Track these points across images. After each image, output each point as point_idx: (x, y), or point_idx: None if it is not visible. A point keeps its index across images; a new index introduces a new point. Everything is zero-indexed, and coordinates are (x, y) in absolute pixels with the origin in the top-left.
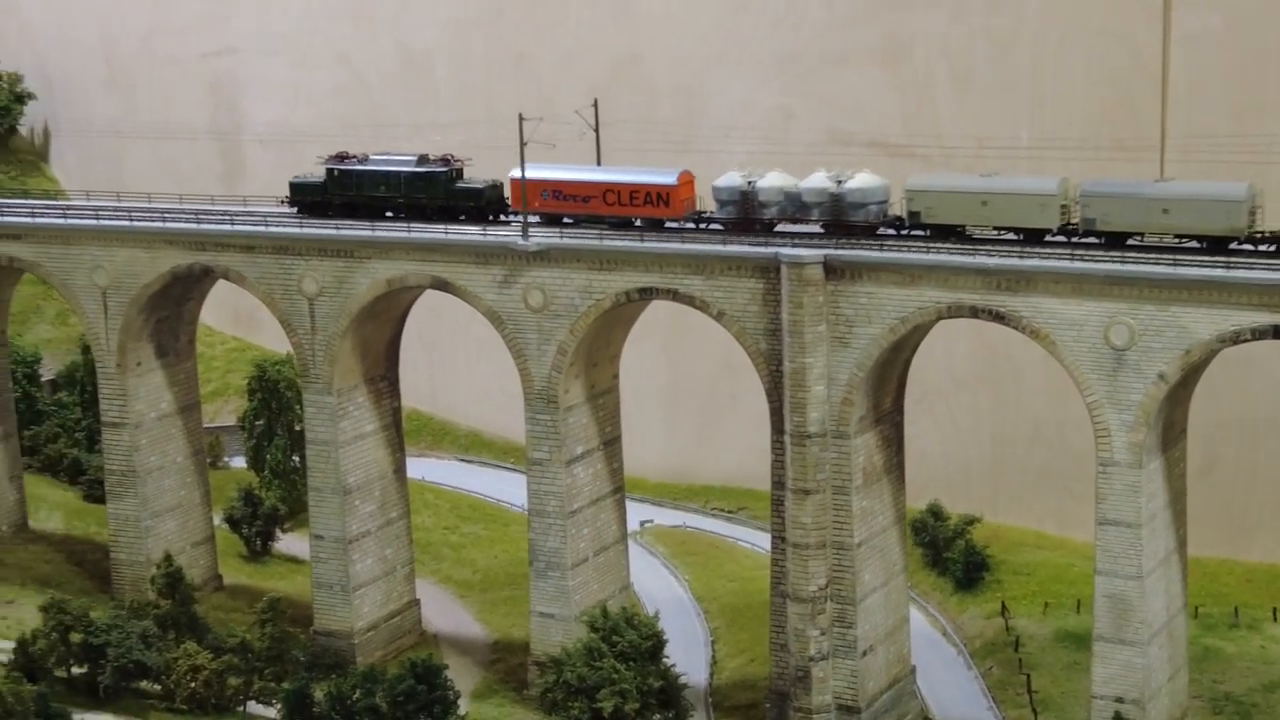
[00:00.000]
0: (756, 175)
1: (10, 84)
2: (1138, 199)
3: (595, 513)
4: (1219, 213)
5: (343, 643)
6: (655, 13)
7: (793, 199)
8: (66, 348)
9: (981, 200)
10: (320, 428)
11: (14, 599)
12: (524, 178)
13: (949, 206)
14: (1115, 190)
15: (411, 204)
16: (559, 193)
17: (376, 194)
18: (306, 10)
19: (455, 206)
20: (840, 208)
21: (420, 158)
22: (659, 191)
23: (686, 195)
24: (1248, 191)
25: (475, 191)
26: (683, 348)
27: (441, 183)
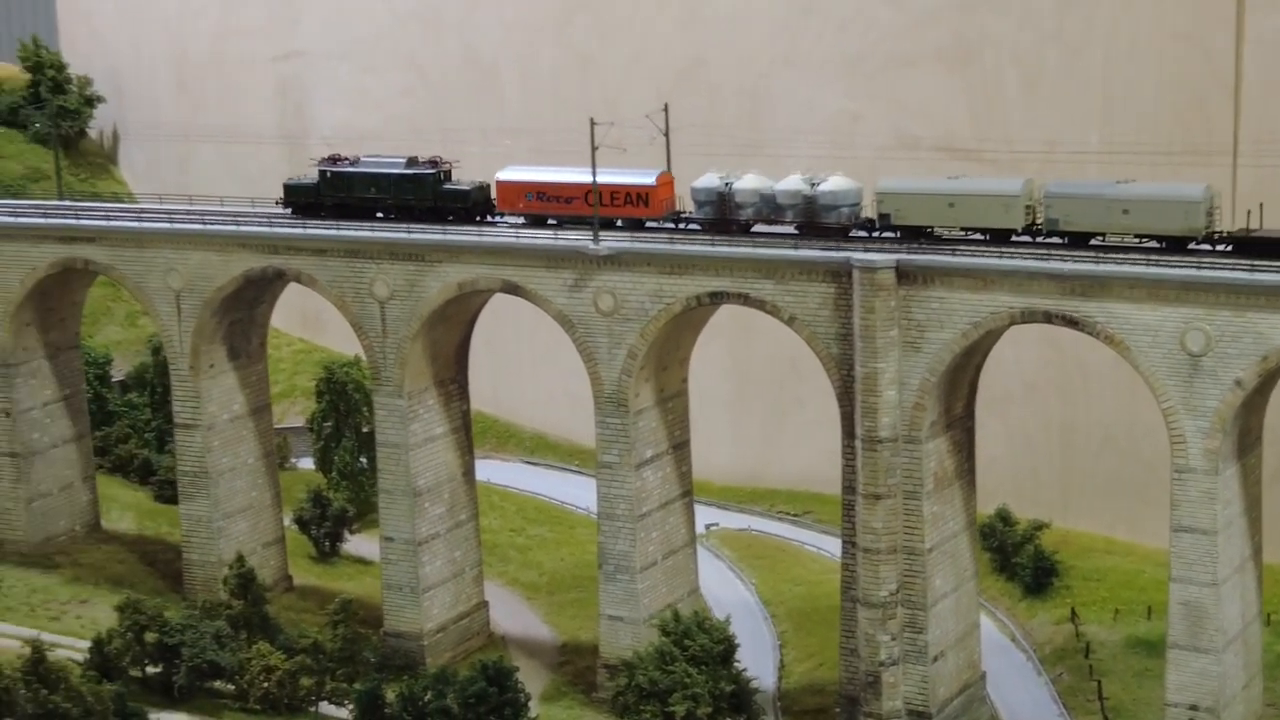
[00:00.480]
0: (734, 177)
1: (81, 87)
2: (1099, 200)
3: (664, 516)
4: (1177, 213)
5: (412, 644)
6: (721, 16)
7: (768, 200)
8: (136, 349)
9: (949, 202)
10: (391, 430)
11: (88, 598)
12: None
13: (917, 208)
14: (1077, 191)
15: (401, 205)
16: (543, 194)
17: (367, 195)
18: (374, 14)
19: (443, 208)
20: (813, 209)
21: (409, 160)
22: (639, 192)
23: (666, 196)
24: (1205, 193)
25: (462, 193)
26: (749, 351)
27: (429, 184)
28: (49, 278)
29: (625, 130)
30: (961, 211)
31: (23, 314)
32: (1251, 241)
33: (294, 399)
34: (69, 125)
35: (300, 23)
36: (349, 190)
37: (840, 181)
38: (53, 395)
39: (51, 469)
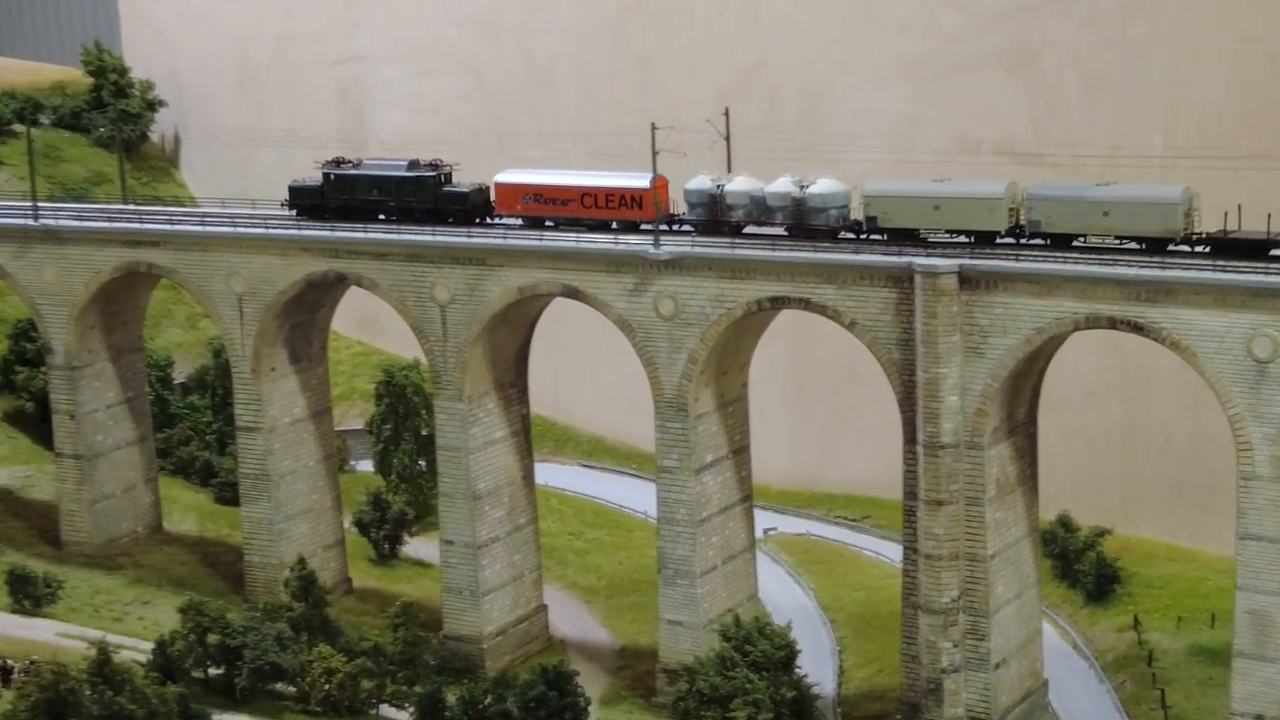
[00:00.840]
0: (725, 179)
1: (143, 91)
2: (1080, 202)
3: (724, 521)
4: (1156, 215)
5: (472, 647)
6: (781, 19)
7: (758, 202)
8: (196, 351)
9: (934, 204)
10: (451, 434)
11: (150, 600)
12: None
13: (903, 210)
14: (1059, 194)
15: (402, 206)
16: (540, 196)
17: (369, 197)
18: (433, 19)
19: (443, 209)
20: (802, 211)
21: (411, 163)
22: (633, 195)
23: (660, 198)
24: (1183, 194)
25: (461, 195)
26: (808, 355)
27: (430, 186)
28: (113, 281)
29: (685, 134)
30: (947, 214)
31: (87, 317)
32: (1229, 243)
33: (352, 402)
34: (131, 129)
35: (360, 27)
36: (352, 192)
37: (828, 184)
38: (116, 398)
39: (115, 471)
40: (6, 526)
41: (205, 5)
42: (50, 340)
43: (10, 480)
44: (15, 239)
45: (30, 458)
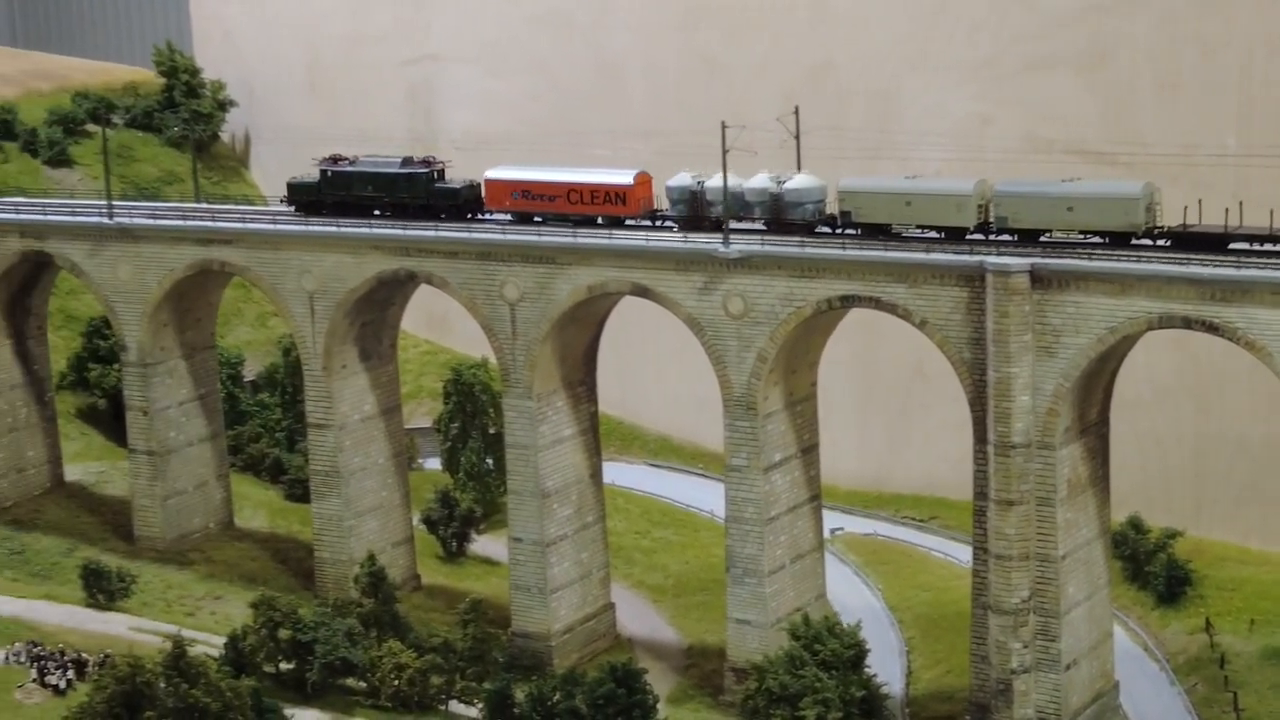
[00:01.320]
0: (705, 176)
1: (214, 91)
2: (1045, 198)
3: (792, 520)
4: (1118, 210)
5: (540, 645)
6: (850, 18)
7: (737, 198)
8: (266, 349)
9: (905, 201)
10: (520, 432)
11: (222, 595)
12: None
13: (876, 206)
14: (1025, 190)
15: (396, 202)
16: (528, 192)
17: (365, 193)
18: (504, 19)
19: (435, 205)
20: (780, 206)
21: (404, 160)
22: (617, 191)
23: (643, 195)
24: (1144, 190)
25: (453, 191)
26: (875, 354)
27: (422, 183)
28: (186, 279)
29: (755, 134)
30: (918, 210)
31: (160, 314)
32: (1189, 236)
33: (420, 400)
34: (202, 129)
35: (430, 27)
36: (348, 188)
37: (804, 180)
38: (188, 395)
39: (187, 467)
40: (81, 522)
41: (276, 6)
42: (124, 338)
43: (84, 476)
44: (90, 237)
45: (103, 454)
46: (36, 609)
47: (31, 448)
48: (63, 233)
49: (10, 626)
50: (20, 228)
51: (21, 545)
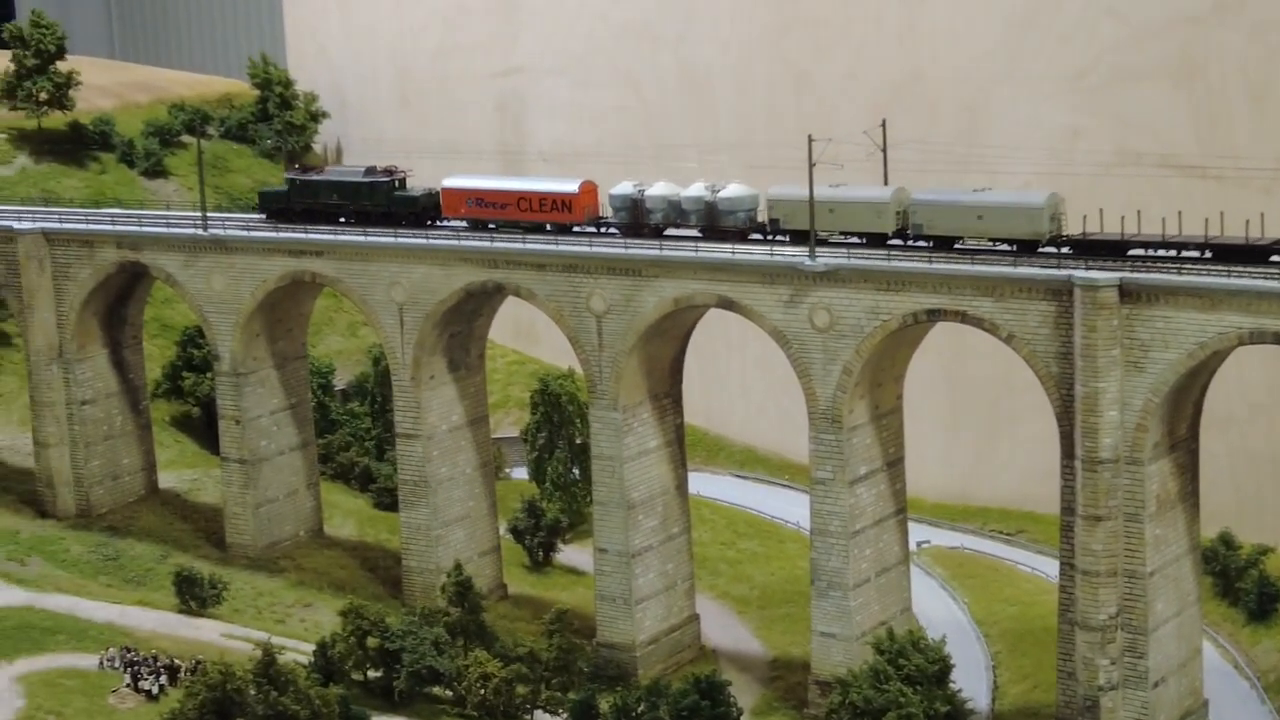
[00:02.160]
0: (645, 185)
1: (307, 103)
2: (957, 207)
3: (878, 533)
4: (1023, 219)
5: (625, 655)
6: (939, 30)
7: (674, 206)
8: (356, 358)
9: (829, 208)
10: (606, 443)
11: (311, 602)
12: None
13: (803, 213)
14: (938, 199)
15: (359, 210)
16: (481, 200)
17: (330, 201)
18: (592, 31)
19: (396, 212)
20: (714, 214)
21: (368, 169)
22: (563, 199)
23: (588, 202)
24: (1048, 200)
25: (412, 199)
26: (961, 367)
27: (384, 191)
28: (278, 290)
29: (843, 147)
30: (840, 217)
31: (253, 324)
32: (1089, 244)
33: (507, 409)
34: (295, 140)
35: (520, 39)
36: (315, 197)
37: (737, 189)
38: (280, 404)
39: (278, 475)
40: (173, 529)
41: (368, 19)
42: (217, 347)
43: (177, 483)
44: (184, 248)
45: (196, 461)
46: (130, 615)
47: (127, 455)
48: (158, 244)
49: (105, 632)
50: (117, 238)
51: (116, 551)
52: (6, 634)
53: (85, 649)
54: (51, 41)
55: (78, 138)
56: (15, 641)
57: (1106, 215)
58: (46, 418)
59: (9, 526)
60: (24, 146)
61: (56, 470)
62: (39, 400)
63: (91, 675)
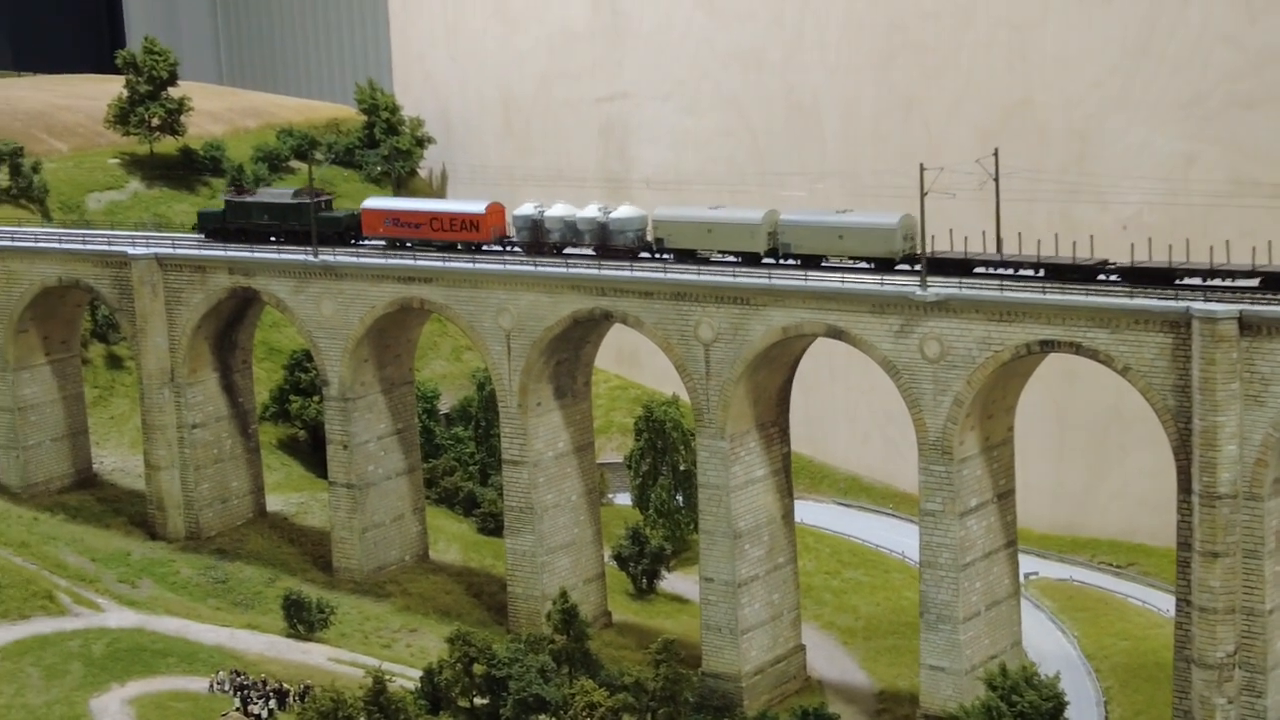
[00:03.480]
0: (545, 206)
1: (413, 129)
2: (820, 227)
3: (988, 566)
4: (879, 239)
5: (730, 685)
6: (1050, 56)
7: (570, 226)
8: (460, 383)
9: (707, 229)
10: (712, 472)
11: (417, 628)
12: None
13: (684, 233)
14: (804, 220)
15: (288, 229)
16: (397, 220)
17: (262, 221)
18: (697, 56)
19: (321, 232)
20: (606, 234)
21: (296, 191)
22: (471, 219)
23: (495, 222)
24: (900, 221)
25: (336, 219)
26: (1071, 397)
27: (309, 212)
28: (386, 315)
29: (953, 175)
30: (718, 237)
31: (361, 350)
32: (937, 262)
33: (610, 435)
34: (401, 166)
35: (625, 65)
36: (248, 217)
37: (627, 210)
38: (387, 429)
39: (384, 500)
40: (281, 552)
41: (474, 45)
42: (326, 373)
43: (285, 507)
44: (295, 274)
45: (302, 485)
46: (239, 638)
47: (236, 478)
48: (269, 269)
49: (214, 655)
50: (228, 264)
51: (225, 574)
52: (118, 656)
53: (195, 672)
54: (164, 68)
55: (188, 163)
56: (127, 664)
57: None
58: (158, 441)
59: (120, 548)
60: (136, 171)
61: (167, 493)
62: (150, 423)
63: (201, 698)
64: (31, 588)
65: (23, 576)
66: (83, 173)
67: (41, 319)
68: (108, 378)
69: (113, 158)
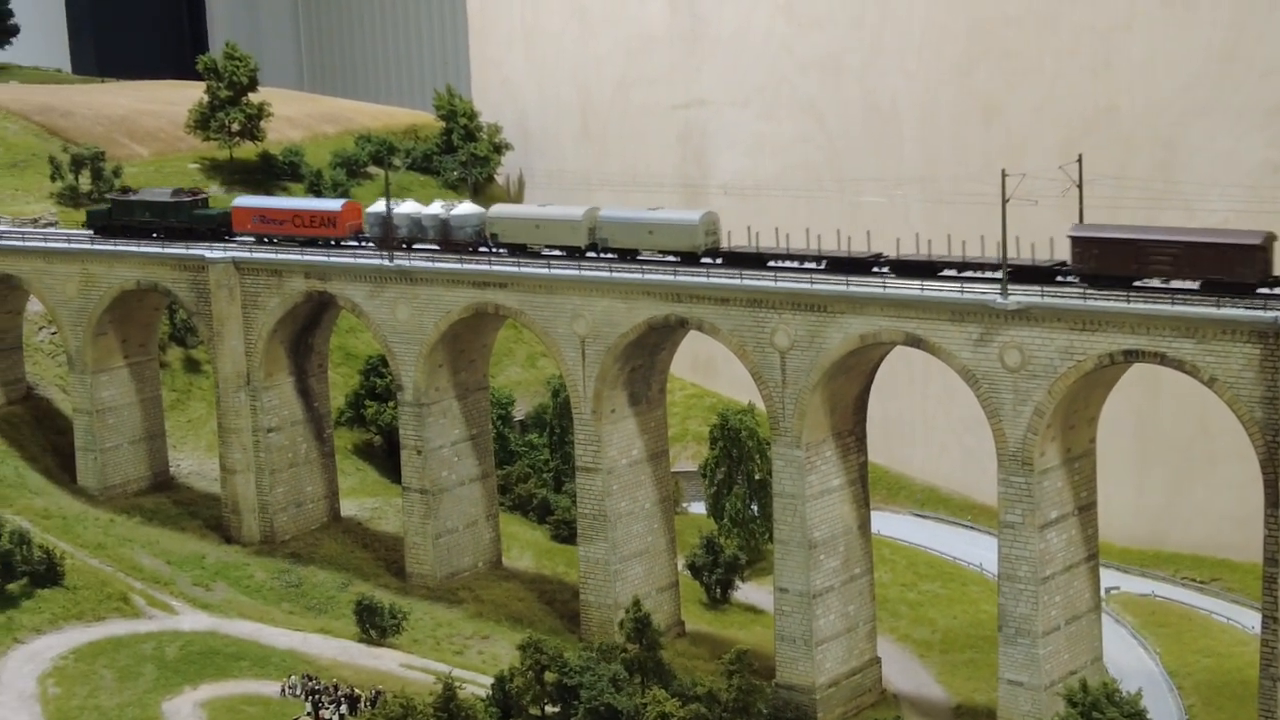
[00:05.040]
0: (395, 204)
1: (491, 135)
2: (633, 224)
3: (1068, 580)
4: (683, 234)
5: (804, 697)
6: (1135, 62)
7: (415, 223)
8: (535, 389)
9: (535, 225)
10: (788, 481)
11: (489, 634)
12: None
13: (515, 230)
14: (618, 217)
15: (166, 227)
16: (263, 217)
17: (144, 219)
18: (775, 62)
19: (196, 229)
20: (448, 230)
21: (175, 191)
22: (328, 216)
23: (350, 219)
24: (702, 218)
25: (210, 216)
26: (1154, 408)
27: (186, 210)
28: (461, 321)
29: (1035, 182)
30: (544, 232)
31: (436, 356)
32: (733, 255)
33: (685, 443)
34: (479, 172)
35: (703, 70)
36: (131, 215)
37: (466, 207)
38: (461, 435)
39: (458, 506)
40: (355, 557)
41: (552, 51)
42: (401, 378)
43: (359, 511)
44: (370, 279)
45: (377, 490)
46: (312, 642)
47: (310, 483)
48: (345, 274)
49: (287, 659)
50: (305, 268)
51: (299, 578)
52: (192, 659)
53: (268, 676)
54: (244, 74)
55: (268, 168)
56: (200, 667)
57: None
58: (233, 444)
59: (195, 551)
60: (216, 176)
61: (242, 496)
62: (226, 427)
63: (273, 703)
64: (107, 590)
65: (98, 578)
66: (163, 177)
67: (120, 322)
68: (185, 381)
69: (193, 162)
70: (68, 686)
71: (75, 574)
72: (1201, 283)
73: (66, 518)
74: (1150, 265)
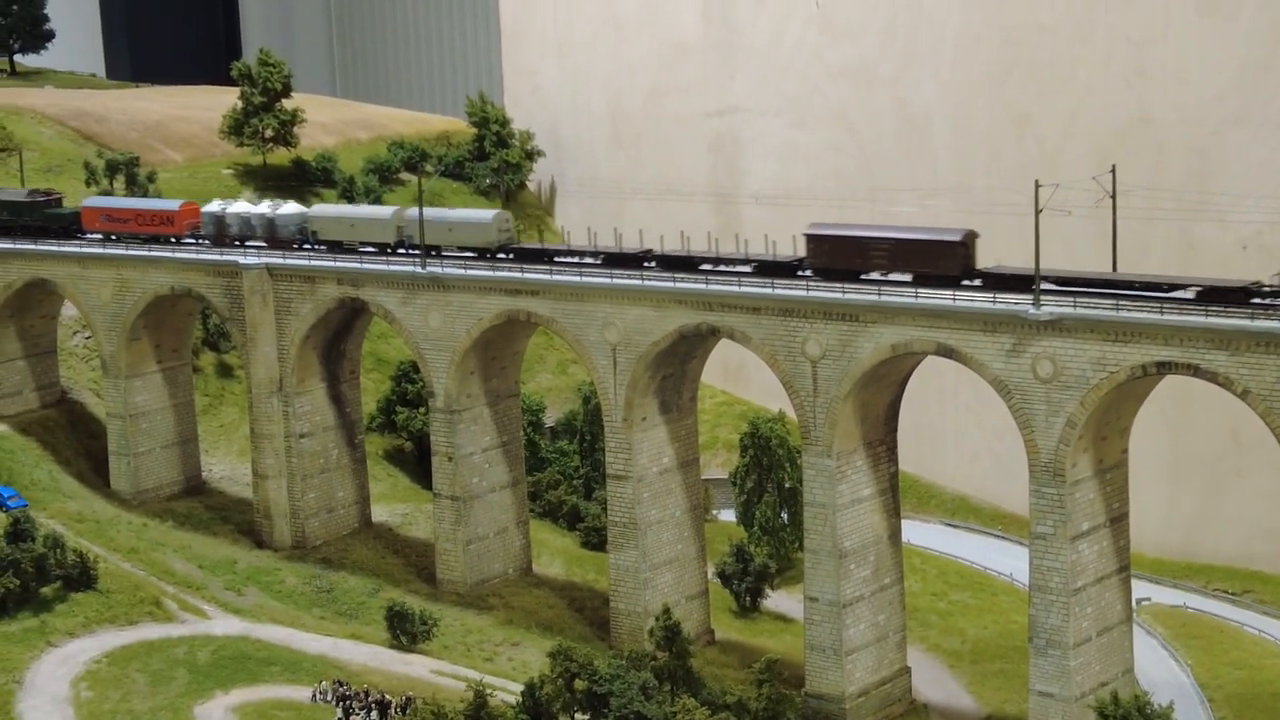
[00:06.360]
0: (227, 203)
1: (522, 142)
2: (436, 223)
3: (1099, 591)
4: (479, 232)
5: (833, 706)
6: (1170, 71)
7: (245, 221)
8: (566, 396)
9: (350, 224)
10: (818, 490)
11: (519, 641)
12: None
13: (331, 228)
14: (426, 216)
15: (22, 224)
16: (110, 216)
17: (3, 217)
18: (807, 71)
19: (50, 227)
20: (273, 228)
21: (30, 191)
22: (167, 215)
23: (187, 219)
24: (494, 217)
25: (62, 215)
26: (1186, 419)
27: (40, 209)
28: (493, 328)
29: (1069, 192)
30: (358, 230)
31: (467, 362)
32: (521, 251)
33: (715, 450)
34: (510, 178)
35: (735, 79)
36: None
37: (290, 207)
38: (491, 441)
39: (488, 513)
40: (386, 563)
41: (585, 58)
42: (432, 384)
43: (390, 517)
44: (403, 285)
45: (408, 496)
46: (342, 648)
47: (342, 488)
48: (377, 280)
49: (318, 664)
50: (337, 274)
51: (330, 584)
52: (223, 664)
53: (299, 681)
54: (278, 80)
55: (301, 174)
56: (231, 671)
57: None
58: (265, 449)
59: (227, 556)
60: (249, 181)
61: (274, 501)
62: (259, 432)
63: (304, 708)
64: (139, 594)
65: (131, 582)
66: (197, 183)
67: (154, 327)
68: (218, 386)
69: (226, 168)
70: (100, 690)
71: (108, 578)
72: (913, 275)
73: (100, 521)
74: (871, 260)
